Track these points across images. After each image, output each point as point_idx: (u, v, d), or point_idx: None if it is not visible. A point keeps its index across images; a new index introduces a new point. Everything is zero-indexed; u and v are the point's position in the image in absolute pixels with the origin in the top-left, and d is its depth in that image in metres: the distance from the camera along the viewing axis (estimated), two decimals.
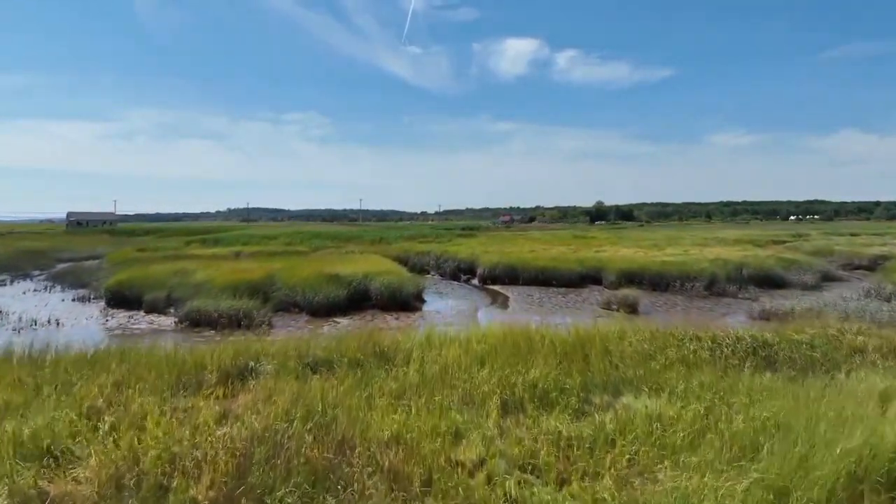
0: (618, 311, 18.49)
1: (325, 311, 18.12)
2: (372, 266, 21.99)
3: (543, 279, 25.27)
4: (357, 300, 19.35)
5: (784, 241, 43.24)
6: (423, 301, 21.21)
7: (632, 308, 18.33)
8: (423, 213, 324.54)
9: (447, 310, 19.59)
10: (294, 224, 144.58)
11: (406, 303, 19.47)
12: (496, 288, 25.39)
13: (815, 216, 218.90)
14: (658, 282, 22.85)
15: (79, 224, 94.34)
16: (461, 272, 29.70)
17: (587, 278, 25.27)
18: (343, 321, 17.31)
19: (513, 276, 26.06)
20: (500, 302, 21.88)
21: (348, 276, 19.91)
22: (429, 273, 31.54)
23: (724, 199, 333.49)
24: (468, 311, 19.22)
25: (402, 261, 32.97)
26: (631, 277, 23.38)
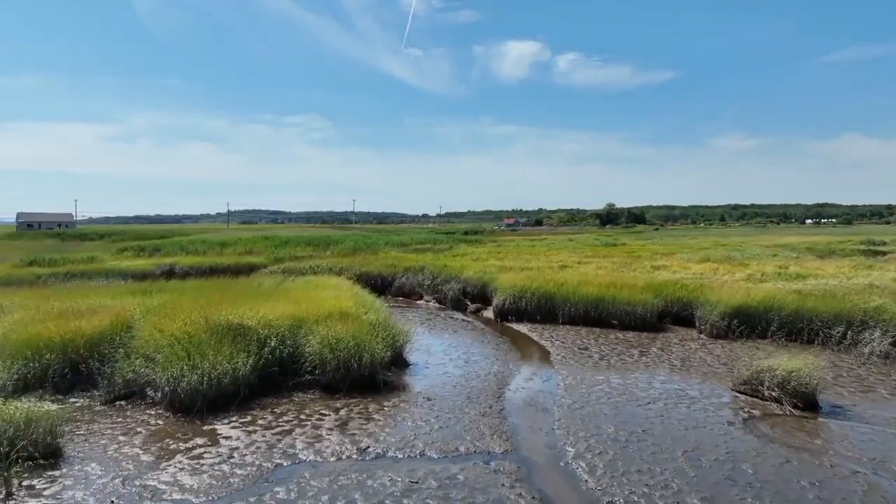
0: (779, 404, 9.45)
1: (209, 401, 9.13)
2: (321, 301, 13.00)
3: (597, 316, 16.24)
4: (277, 377, 10.33)
5: (881, 252, 34.05)
6: (404, 364, 12.22)
7: (805, 400, 9.28)
8: (425, 216, 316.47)
9: (445, 386, 10.60)
10: (291, 226, 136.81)
11: (370, 377, 10.44)
12: (522, 329, 16.38)
13: (833, 220, 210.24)
14: (796, 327, 13.79)
15: (29, 226, 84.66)
16: (467, 297, 20.75)
17: (666, 315, 16.22)
18: (232, 434, 8.32)
19: (548, 309, 17.01)
20: (537, 360, 12.92)
21: (265, 326, 10.88)
22: (421, 298, 22.53)
23: (729, 202, 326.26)
24: (486, 392, 10.24)
25: (386, 281, 24.02)
26: (746, 318, 14.35)
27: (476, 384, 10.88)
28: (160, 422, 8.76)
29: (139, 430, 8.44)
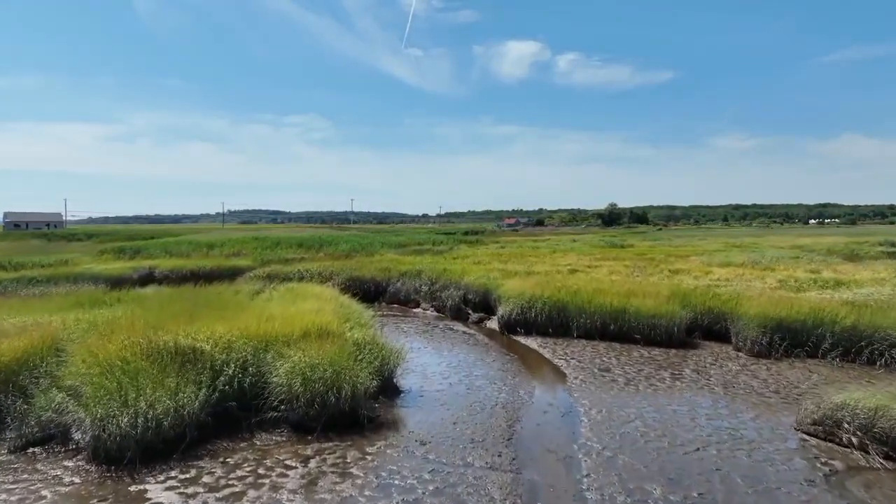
0: (863, 452, 7.51)
1: (145, 449, 7.21)
2: (298, 315, 11.06)
3: (616, 330, 14.30)
4: (235, 413, 8.39)
5: None
6: (395, 391, 10.30)
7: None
8: (425, 216, 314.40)
9: (444, 424, 8.68)
10: (288, 226, 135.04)
11: (352, 412, 8.51)
12: (531, 344, 14.45)
13: (836, 220, 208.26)
14: (854, 346, 11.84)
15: (16, 226, 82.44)
16: (468, 305, 18.80)
17: (695, 329, 14.27)
18: (164, 499, 6.39)
19: (560, 321, 15.08)
20: (551, 385, 10.99)
21: (224, 350, 8.94)
22: (418, 306, 20.60)
23: (730, 202, 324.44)
24: (493, 432, 8.32)
25: (380, 287, 22.12)
26: (791, 333, 12.43)
27: (481, 420, 8.95)
28: (76, 479, 6.82)
29: (44, 493, 6.50)
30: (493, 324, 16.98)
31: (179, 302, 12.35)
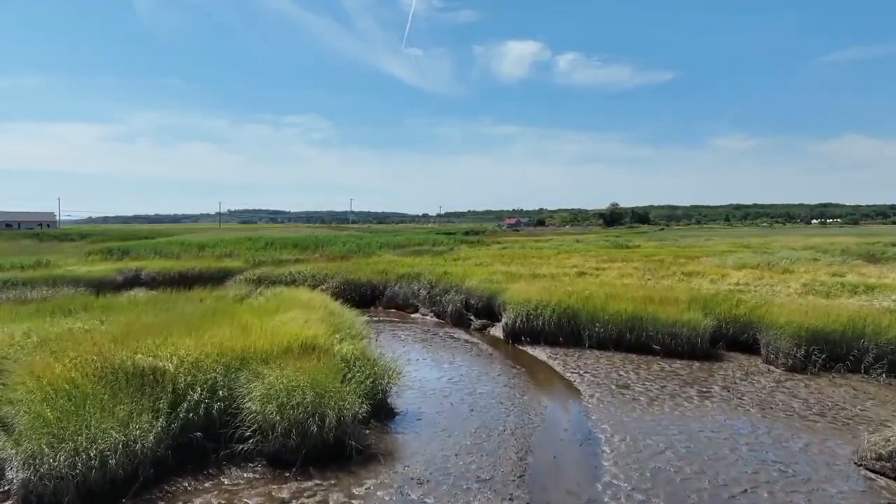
0: None
1: (86, 494, 6.03)
2: (280, 326, 9.85)
3: (633, 340, 13.09)
4: (201, 444, 7.19)
5: None
6: (389, 413, 9.10)
7: None
8: (425, 216, 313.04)
9: (446, 456, 7.48)
10: (286, 226, 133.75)
11: (337, 443, 7.31)
12: (540, 355, 13.25)
13: (837, 220, 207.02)
14: None
15: (8, 226, 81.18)
16: (470, 311, 17.60)
17: (720, 339, 13.04)
18: None
19: (570, 330, 13.87)
20: (565, 405, 9.80)
21: (190, 370, 7.73)
22: (417, 311, 19.38)
23: (731, 202, 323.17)
24: (503, 466, 7.14)
25: (376, 290, 20.93)
26: (828, 345, 11.22)
27: (488, 450, 7.74)
28: None
29: None
30: (497, 331, 15.78)
31: (153, 310, 11.14)
